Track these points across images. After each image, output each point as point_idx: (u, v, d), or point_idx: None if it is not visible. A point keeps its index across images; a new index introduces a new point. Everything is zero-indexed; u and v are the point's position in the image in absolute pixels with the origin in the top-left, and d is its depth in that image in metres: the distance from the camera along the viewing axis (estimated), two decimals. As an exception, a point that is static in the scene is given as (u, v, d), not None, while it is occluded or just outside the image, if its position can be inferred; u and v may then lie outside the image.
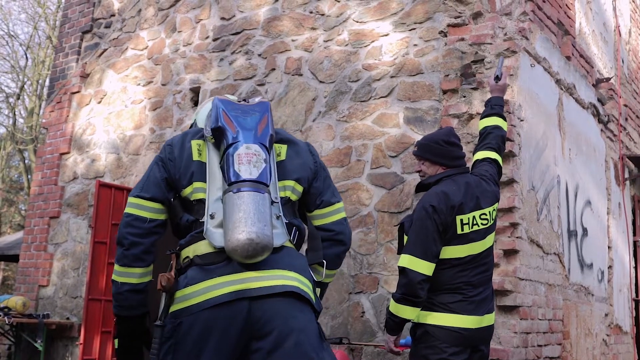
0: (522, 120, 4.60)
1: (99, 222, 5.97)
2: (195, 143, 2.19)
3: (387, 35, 5.22)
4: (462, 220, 2.94)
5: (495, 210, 3.13)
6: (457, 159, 3.15)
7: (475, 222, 2.97)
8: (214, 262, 2.04)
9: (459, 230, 2.94)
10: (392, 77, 5.10)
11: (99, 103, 7.13)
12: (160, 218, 2.17)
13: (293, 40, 5.74)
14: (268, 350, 1.98)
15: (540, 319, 4.63)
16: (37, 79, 19.90)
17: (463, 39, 4.80)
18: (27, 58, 20.68)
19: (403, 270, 2.89)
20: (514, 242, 4.35)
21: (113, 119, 6.93)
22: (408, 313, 2.91)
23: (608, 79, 6.53)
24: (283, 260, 2.07)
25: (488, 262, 3.06)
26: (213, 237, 2.05)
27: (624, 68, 7.68)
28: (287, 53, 5.75)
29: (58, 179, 7.22)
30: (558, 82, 5.33)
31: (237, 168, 2.05)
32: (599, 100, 6.37)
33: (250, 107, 2.22)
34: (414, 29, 5.09)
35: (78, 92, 7.35)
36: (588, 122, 6.08)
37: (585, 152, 5.92)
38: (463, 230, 2.94)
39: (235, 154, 2.07)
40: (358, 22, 5.41)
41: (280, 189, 2.18)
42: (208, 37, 6.34)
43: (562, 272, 5.14)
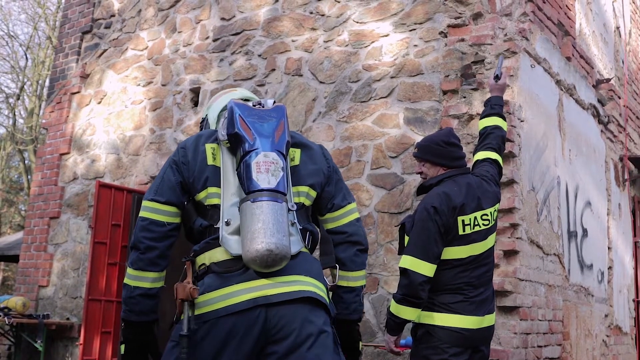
0: (522, 121, 4.59)
1: (99, 222, 5.97)
2: (210, 147, 2.16)
3: (387, 36, 5.22)
4: (463, 221, 2.94)
5: (497, 211, 3.13)
6: (457, 160, 3.15)
7: (477, 222, 2.97)
8: (231, 269, 2.02)
9: (461, 231, 2.93)
10: (392, 77, 5.10)
11: (99, 103, 7.13)
12: (176, 221, 2.15)
13: (293, 41, 5.74)
14: (283, 354, 1.97)
15: (540, 320, 4.63)
16: (37, 80, 19.89)
17: (463, 40, 4.80)
18: (27, 58, 20.70)
19: (404, 272, 2.89)
20: (514, 242, 4.35)
21: (113, 120, 6.93)
22: (409, 314, 2.91)
23: (608, 80, 6.53)
24: (299, 266, 2.07)
25: (489, 262, 3.06)
26: (229, 244, 2.03)
27: (624, 69, 7.68)
28: (287, 53, 5.75)
29: (58, 180, 7.22)
30: (558, 82, 5.33)
31: (255, 177, 2.03)
32: (599, 101, 6.37)
33: (267, 112, 2.18)
34: (414, 30, 5.09)
35: (78, 92, 7.35)
36: (588, 123, 6.08)
37: (586, 153, 5.92)
38: (465, 231, 2.94)
39: (253, 162, 2.05)
40: (358, 22, 5.41)
41: (294, 195, 2.17)
42: (208, 37, 6.34)
43: (562, 272, 5.14)
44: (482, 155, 3.29)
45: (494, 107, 3.42)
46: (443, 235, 2.90)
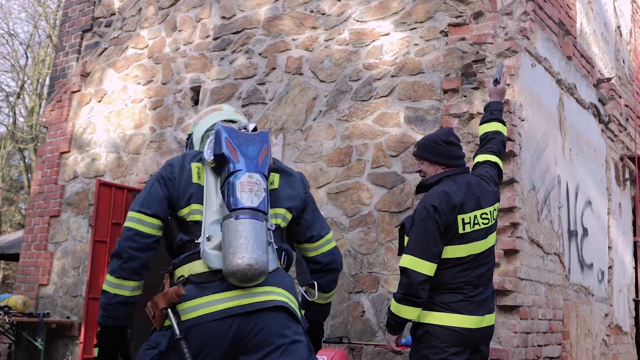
0: (522, 120, 4.59)
1: (99, 221, 5.97)
2: (195, 166, 2.28)
3: (387, 35, 5.22)
4: (463, 220, 2.94)
5: (496, 210, 3.13)
6: (456, 159, 3.16)
7: (477, 221, 2.98)
8: (209, 280, 2.13)
9: (461, 230, 2.94)
10: (392, 76, 5.10)
11: (99, 102, 7.12)
12: (159, 234, 2.25)
13: (294, 40, 5.74)
14: None
15: (541, 319, 4.63)
16: (37, 78, 19.89)
17: (464, 39, 4.80)
18: (27, 57, 20.69)
19: (404, 271, 2.89)
20: (515, 242, 4.35)
21: (113, 118, 6.92)
22: (409, 313, 2.91)
23: (609, 79, 6.52)
24: (273, 279, 2.18)
25: (489, 262, 3.06)
26: (209, 258, 2.14)
27: (625, 68, 7.68)
28: (287, 52, 5.75)
29: (58, 178, 7.22)
30: (559, 82, 5.33)
31: (239, 195, 2.14)
32: (600, 101, 6.37)
33: (252, 136, 2.32)
34: (415, 29, 5.09)
35: (78, 91, 7.35)
36: (589, 122, 6.08)
37: (586, 152, 5.92)
38: (464, 230, 2.94)
39: (238, 182, 2.17)
40: (359, 21, 5.40)
41: (272, 216, 2.29)
42: (208, 36, 6.33)
43: (562, 272, 5.14)
44: (482, 158, 3.32)
45: (494, 112, 3.46)
46: (443, 234, 2.90)
